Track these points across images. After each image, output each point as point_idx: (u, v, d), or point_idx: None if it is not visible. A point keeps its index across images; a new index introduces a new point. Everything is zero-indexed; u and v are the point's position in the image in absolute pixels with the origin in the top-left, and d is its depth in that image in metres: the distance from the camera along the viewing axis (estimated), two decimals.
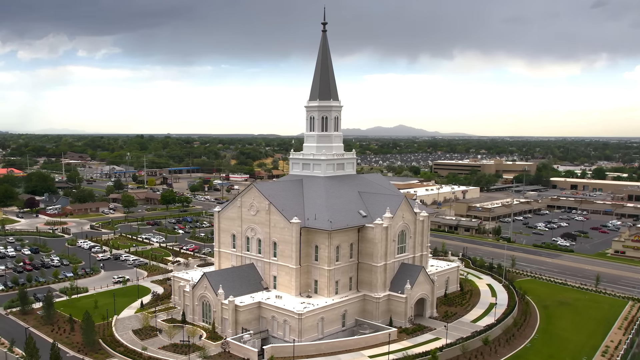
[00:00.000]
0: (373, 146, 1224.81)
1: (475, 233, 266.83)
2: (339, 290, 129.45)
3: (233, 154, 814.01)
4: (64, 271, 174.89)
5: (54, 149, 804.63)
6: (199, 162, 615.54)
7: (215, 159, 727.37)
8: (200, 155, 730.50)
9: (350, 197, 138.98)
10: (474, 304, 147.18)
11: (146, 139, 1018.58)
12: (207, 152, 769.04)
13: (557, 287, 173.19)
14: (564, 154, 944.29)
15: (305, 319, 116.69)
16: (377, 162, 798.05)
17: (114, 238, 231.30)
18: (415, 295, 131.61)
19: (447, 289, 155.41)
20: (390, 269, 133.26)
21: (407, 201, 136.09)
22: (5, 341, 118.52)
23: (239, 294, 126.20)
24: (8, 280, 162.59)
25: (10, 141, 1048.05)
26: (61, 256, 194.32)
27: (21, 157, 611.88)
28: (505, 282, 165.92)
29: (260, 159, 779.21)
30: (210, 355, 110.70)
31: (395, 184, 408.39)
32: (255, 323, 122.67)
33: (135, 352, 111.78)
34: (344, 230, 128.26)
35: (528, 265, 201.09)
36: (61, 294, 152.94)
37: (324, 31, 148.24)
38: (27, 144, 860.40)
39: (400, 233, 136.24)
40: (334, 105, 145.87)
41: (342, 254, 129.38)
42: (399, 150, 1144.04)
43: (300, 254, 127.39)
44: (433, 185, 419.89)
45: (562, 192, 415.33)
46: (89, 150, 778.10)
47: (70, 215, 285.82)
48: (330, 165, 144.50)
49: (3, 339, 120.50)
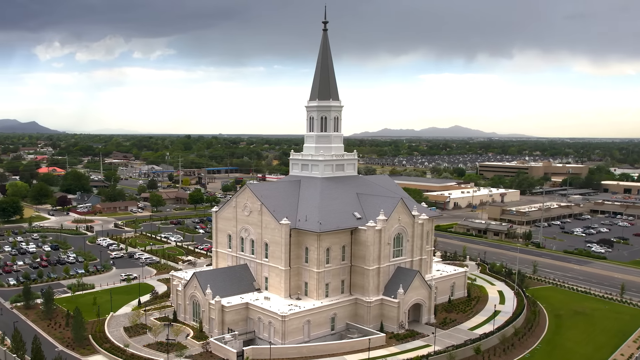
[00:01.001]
0: (422, 147, 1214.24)
1: (505, 237, 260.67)
2: (329, 293, 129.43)
3: (276, 154, 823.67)
4: (76, 268, 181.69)
5: (102, 148, 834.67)
6: (238, 163, 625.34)
7: (256, 159, 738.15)
8: (242, 156, 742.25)
9: (347, 199, 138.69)
10: (477, 310, 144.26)
11: (193, 140, 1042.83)
12: (250, 152, 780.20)
13: (577, 295, 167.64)
14: (625, 156, 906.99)
15: (289, 321, 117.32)
16: (422, 164, 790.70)
17: (134, 236, 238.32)
18: (410, 301, 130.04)
19: (453, 295, 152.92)
20: (384, 273, 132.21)
21: (403, 203, 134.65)
22: (0, 333, 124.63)
23: (229, 294, 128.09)
24: (20, 276, 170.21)
25: (62, 141, 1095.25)
26: (77, 253, 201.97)
27: (67, 157, 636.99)
28: (517, 288, 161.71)
29: None
30: (192, 354, 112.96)
31: (429, 185, 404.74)
32: (242, 324, 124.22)
33: (119, 349, 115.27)
34: (335, 232, 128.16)
35: (553, 272, 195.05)
36: (68, 290, 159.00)
37: (324, 30, 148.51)
38: (76, 144, 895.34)
39: (396, 236, 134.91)
40: (333, 105, 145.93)
41: (333, 256, 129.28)
42: (448, 151, 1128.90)
43: (290, 255, 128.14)
44: (471, 187, 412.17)
45: (613, 197, 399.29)
46: (134, 150, 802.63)
47: (99, 213, 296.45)
48: (328, 166, 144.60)
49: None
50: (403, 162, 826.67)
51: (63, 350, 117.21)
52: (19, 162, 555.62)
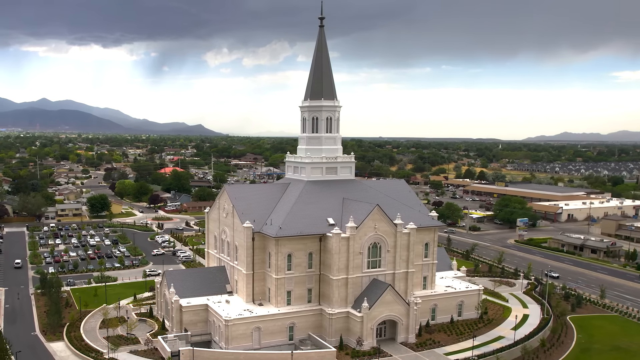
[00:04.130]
0: (590, 153, 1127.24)
1: (604, 256, 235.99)
2: (292, 301, 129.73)
3: (411, 158, 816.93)
4: (113, 262, 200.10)
5: (240, 150, 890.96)
6: (358, 166, 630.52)
7: (389, 163, 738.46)
8: (373, 159, 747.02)
9: (328, 204, 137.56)
10: (478, 334, 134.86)
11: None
12: (382, 156, 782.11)
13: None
14: None
15: (232, 326, 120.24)
16: (578, 171, 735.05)
17: (194, 235, 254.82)
18: (379, 316, 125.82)
19: (461, 315, 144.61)
20: (354, 284, 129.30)
21: (380, 210, 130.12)
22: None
23: (197, 295, 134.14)
24: (58, 266, 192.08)
25: (220, 144, 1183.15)
26: (128, 248, 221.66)
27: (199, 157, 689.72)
28: (551, 312, 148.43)
29: (440, 164, 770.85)
30: (137, 350, 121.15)
31: (544, 194, 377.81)
32: (202, 325, 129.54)
33: (80, 338, 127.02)
34: (299, 237, 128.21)
35: (633, 300, 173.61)
36: (91, 281, 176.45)
37: (321, 26, 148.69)
38: (216, 145, 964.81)
39: (372, 245, 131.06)
40: (324, 105, 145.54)
41: (296, 263, 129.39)
42: (620, 157, 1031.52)
43: (252, 259, 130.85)
44: (603, 198, 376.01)
45: None
46: (268, 152, 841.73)
47: (184, 212, 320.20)
48: (316, 169, 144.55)
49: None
50: (556, 168, 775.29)
51: (37, 335, 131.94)
52: (147, 163, 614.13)
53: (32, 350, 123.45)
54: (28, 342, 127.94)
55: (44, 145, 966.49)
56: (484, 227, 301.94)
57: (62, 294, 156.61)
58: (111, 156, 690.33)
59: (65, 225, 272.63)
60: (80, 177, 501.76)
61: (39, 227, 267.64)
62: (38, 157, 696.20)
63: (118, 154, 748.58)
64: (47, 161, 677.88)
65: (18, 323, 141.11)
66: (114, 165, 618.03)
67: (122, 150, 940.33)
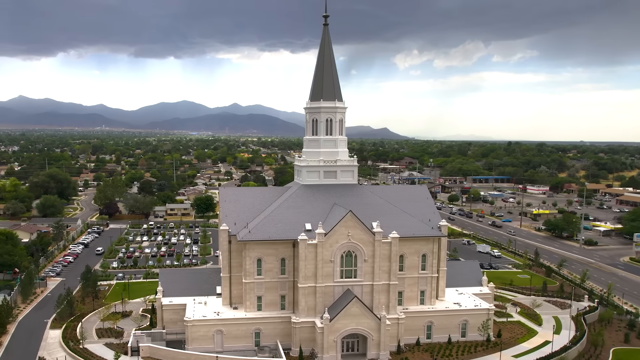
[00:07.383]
0: None
1: None
2: (263, 307, 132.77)
3: (585, 164, 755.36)
4: (172, 260, 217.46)
5: (399, 153, 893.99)
6: (510, 172, 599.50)
7: (557, 169, 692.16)
8: (539, 164, 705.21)
9: (314, 209, 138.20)
10: (467, 358, 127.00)
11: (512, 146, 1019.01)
12: (550, 161, 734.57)
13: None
14: None
15: (192, 327, 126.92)
16: None
17: None
18: (343, 329, 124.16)
19: (465, 336, 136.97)
20: (325, 294, 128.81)
21: (353, 217, 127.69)
22: None
23: (186, 294, 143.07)
24: (119, 262, 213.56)
25: (406, 147, 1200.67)
26: (200, 248, 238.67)
27: None
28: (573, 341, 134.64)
29: (621, 170, 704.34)
30: (112, 342, 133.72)
31: None
32: (182, 324, 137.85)
33: (74, 328, 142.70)
34: (269, 242, 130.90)
35: None
36: (138, 277, 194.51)
37: (325, 25, 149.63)
38: (377, 149, 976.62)
39: (345, 254, 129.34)
40: (322, 106, 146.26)
41: (267, 268, 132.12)
42: None
43: (229, 262, 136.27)
44: None
45: None
46: (428, 157, 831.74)
47: None
48: (313, 173, 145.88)
49: None
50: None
51: (45, 321, 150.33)
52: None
53: (29, 333, 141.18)
54: (35, 326, 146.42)
55: (214, 148, 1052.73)
56: (606, 242, 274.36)
57: (99, 287, 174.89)
58: (263, 159, 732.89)
59: (164, 224, 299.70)
60: (222, 179, 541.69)
61: (140, 224, 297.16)
62: (199, 159, 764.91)
63: (272, 158, 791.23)
64: (204, 163, 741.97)
65: (46, 309, 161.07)
66: (265, 167, 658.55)
67: (287, 152, 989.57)
